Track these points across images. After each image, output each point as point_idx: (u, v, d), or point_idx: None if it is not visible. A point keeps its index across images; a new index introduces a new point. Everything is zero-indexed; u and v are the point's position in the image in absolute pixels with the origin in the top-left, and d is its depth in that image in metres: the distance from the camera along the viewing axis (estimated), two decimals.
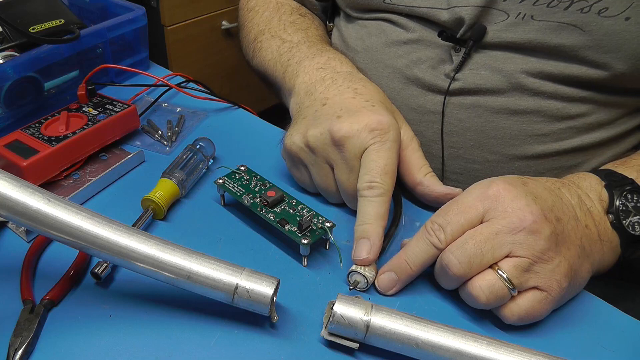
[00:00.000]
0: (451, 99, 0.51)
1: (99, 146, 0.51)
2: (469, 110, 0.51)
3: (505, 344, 0.34)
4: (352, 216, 0.47)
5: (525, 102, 0.49)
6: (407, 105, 0.54)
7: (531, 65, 0.48)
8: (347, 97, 0.46)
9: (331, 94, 0.47)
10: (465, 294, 0.38)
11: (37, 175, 0.45)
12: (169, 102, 0.61)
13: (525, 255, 0.36)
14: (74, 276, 0.39)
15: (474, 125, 0.51)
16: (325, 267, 0.42)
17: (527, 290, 0.37)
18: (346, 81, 0.48)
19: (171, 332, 0.36)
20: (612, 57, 0.45)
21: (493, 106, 0.50)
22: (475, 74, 0.50)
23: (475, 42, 0.49)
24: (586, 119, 0.50)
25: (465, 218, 0.37)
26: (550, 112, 0.49)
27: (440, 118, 0.52)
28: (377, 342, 0.35)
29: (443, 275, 0.38)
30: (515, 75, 0.48)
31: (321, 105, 0.46)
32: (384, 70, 0.55)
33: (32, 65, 0.52)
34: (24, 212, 0.33)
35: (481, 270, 0.36)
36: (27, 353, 0.34)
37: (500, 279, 0.36)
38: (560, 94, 0.49)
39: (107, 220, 0.35)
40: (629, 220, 0.40)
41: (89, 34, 0.57)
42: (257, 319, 0.37)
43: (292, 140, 0.45)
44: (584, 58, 0.46)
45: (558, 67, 0.47)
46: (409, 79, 0.53)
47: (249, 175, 0.47)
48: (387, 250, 0.44)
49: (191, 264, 0.35)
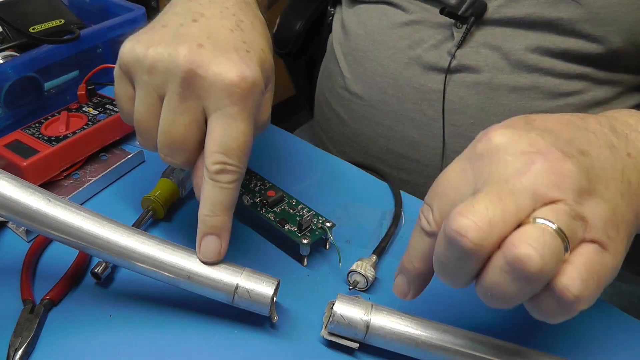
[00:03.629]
0: (452, 76, 0.52)
1: (99, 146, 0.51)
2: (469, 88, 0.52)
3: (505, 344, 0.34)
4: (352, 216, 0.47)
5: (524, 79, 0.50)
6: (409, 85, 0.55)
7: (529, 41, 0.49)
8: (225, 25, 0.36)
9: (209, 13, 0.37)
10: (496, 273, 0.25)
11: (37, 175, 0.45)
12: None
13: (558, 197, 0.25)
14: (74, 276, 0.39)
15: (474, 103, 0.52)
16: (325, 267, 0.42)
17: (576, 246, 0.26)
18: (236, 7, 0.38)
19: (171, 332, 0.36)
20: (607, 30, 0.46)
21: (493, 83, 0.51)
22: (476, 51, 0.51)
23: (476, 18, 0.50)
24: (583, 96, 0.51)
25: (452, 186, 0.28)
26: (548, 89, 0.50)
27: (442, 96, 0.53)
28: (377, 342, 0.35)
29: (450, 259, 0.26)
30: (513, 51, 0.50)
31: (191, 20, 0.36)
32: (386, 51, 0.56)
33: (32, 65, 0.52)
34: (24, 212, 0.33)
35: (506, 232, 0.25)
36: (27, 353, 0.34)
37: (546, 228, 0.24)
38: (557, 71, 0.50)
39: (107, 220, 0.35)
40: None
41: (89, 34, 0.57)
42: (257, 319, 0.37)
43: (132, 47, 0.35)
44: (580, 31, 0.47)
45: (555, 42, 0.48)
46: (411, 58, 0.54)
47: (249, 175, 0.47)
48: (387, 250, 0.44)
49: (191, 264, 0.35)
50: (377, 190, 0.50)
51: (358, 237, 0.45)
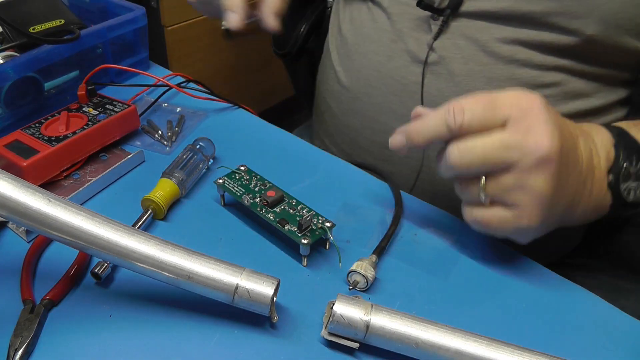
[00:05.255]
0: (430, 68, 0.53)
1: (99, 146, 0.51)
2: (447, 80, 0.53)
3: (505, 344, 0.34)
4: (352, 216, 0.47)
5: (501, 70, 0.51)
6: (391, 77, 0.56)
7: (505, 34, 0.50)
8: None
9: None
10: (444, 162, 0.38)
11: (37, 175, 0.45)
12: (169, 102, 0.61)
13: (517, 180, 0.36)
14: (74, 276, 0.39)
15: (452, 94, 0.53)
16: (325, 267, 0.42)
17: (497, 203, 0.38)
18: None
19: (171, 332, 0.36)
20: (582, 22, 0.46)
21: (469, 75, 0.52)
22: (453, 43, 0.52)
23: (452, 10, 0.51)
24: (562, 87, 0.51)
25: (490, 115, 0.36)
26: (525, 80, 0.51)
27: (420, 88, 0.53)
28: (377, 342, 0.35)
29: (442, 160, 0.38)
30: (489, 43, 0.50)
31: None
32: (370, 44, 0.58)
33: (32, 65, 0.52)
34: (24, 212, 0.33)
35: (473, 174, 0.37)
36: (27, 353, 0.34)
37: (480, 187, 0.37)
38: (534, 62, 0.50)
39: (107, 220, 0.35)
40: (627, 185, 0.40)
41: (89, 34, 0.57)
42: (257, 319, 0.37)
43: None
44: (554, 24, 0.48)
45: (530, 35, 0.49)
46: (393, 51, 0.56)
47: (249, 175, 0.47)
48: (387, 250, 0.44)
49: (191, 264, 0.35)
50: (377, 190, 0.50)
51: (358, 237, 0.45)
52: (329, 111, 0.66)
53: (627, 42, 0.48)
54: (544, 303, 0.40)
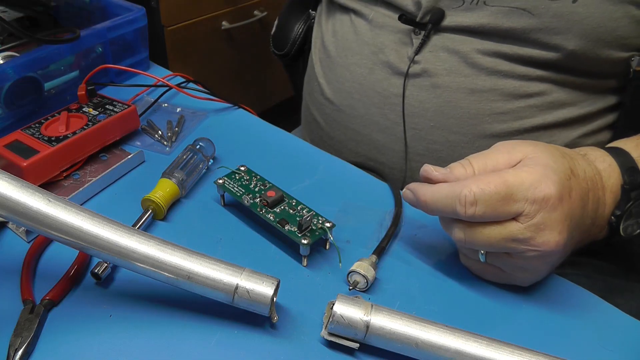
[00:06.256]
0: (412, 80, 0.53)
1: (99, 146, 0.51)
2: (428, 92, 0.53)
3: (505, 344, 0.34)
4: (352, 216, 0.47)
5: (482, 81, 0.51)
6: (373, 89, 0.56)
7: (487, 47, 0.50)
8: None
9: None
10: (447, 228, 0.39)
11: (37, 175, 0.45)
12: (169, 102, 0.61)
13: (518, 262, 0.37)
14: (74, 276, 0.39)
15: (433, 106, 0.53)
16: (325, 267, 0.42)
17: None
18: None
19: (171, 332, 0.36)
20: (562, 38, 0.47)
21: (451, 86, 0.52)
22: (434, 55, 0.52)
23: (433, 25, 0.51)
24: (545, 97, 0.51)
25: (503, 211, 0.35)
26: (508, 91, 0.51)
27: (402, 100, 0.54)
28: (377, 342, 0.35)
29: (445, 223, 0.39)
30: (471, 55, 0.50)
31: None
32: (352, 57, 0.58)
33: (32, 66, 0.52)
34: (24, 212, 0.33)
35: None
36: (27, 353, 0.34)
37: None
38: (517, 73, 0.50)
39: (107, 220, 0.35)
40: (627, 223, 0.41)
41: (89, 34, 0.57)
42: (257, 319, 0.37)
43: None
44: (535, 40, 0.48)
45: (512, 49, 0.49)
46: (374, 64, 0.56)
47: (249, 176, 0.47)
48: (387, 250, 0.44)
49: (191, 265, 0.35)
50: (377, 190, 0.50)
51: (358, 237, 0.45)
52: (314, 122, 0.67)
53: (609, 54, 0.48)
54: (544, 302, 0.40)
